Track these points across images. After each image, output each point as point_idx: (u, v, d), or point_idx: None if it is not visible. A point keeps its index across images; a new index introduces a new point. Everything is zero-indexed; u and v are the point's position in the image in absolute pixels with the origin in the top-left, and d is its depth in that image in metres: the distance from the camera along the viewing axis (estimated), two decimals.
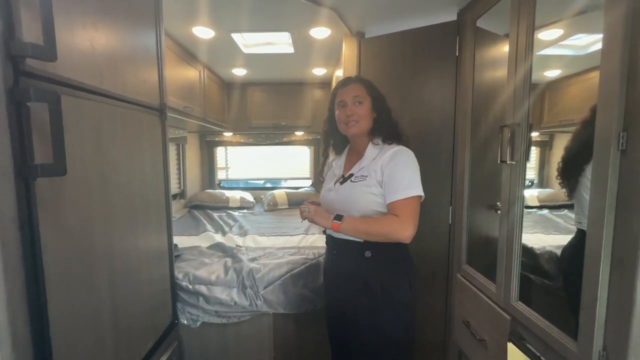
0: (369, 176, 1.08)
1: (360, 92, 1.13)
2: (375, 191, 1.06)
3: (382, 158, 1.07)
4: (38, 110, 0.64)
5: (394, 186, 1.03)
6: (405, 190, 1.02)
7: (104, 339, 0.86)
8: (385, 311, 1.07)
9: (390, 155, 1.06)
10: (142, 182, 1.06)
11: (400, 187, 1.02)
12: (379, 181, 1.06)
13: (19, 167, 0.61)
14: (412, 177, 1.04)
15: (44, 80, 0.67)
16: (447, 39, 1.55)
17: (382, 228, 1.01)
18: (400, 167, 1.04)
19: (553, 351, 0.88)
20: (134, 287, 1.01)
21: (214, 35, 1.81)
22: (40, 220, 0.65)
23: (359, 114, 1.12)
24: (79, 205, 0.77)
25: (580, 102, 1.78)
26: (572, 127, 1.95)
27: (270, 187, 3.70)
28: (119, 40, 0.94)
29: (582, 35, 1.65)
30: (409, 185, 1.03)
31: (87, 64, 0.80)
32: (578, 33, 1.62)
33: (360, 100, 1.13)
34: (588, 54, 1.75)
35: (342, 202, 1.12)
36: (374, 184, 1.07)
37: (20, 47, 0.59)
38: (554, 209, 1.38)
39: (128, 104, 0.97)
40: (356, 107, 1.12)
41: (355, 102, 1.13)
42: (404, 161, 1.05)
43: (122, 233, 0.94)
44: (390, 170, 1.05)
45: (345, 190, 1.12)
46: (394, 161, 1.05)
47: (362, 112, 1.12)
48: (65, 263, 0.73)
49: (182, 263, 1.51)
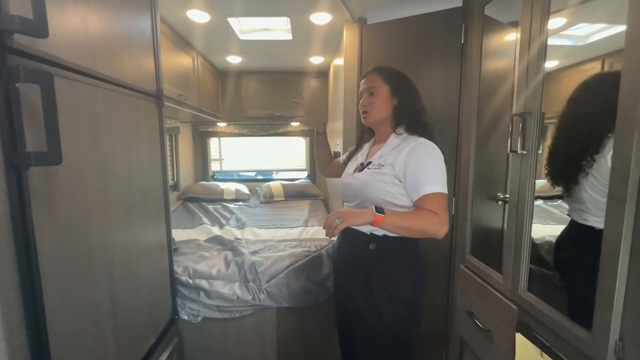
0: (385, 166, 1.06)
1: (375, 82, 1.12)
2: (388, 181, 1.04)
3: (403, 150, 1.04)
4: (26, 93, 0.58)
5: (421, 180, 0.99)
6: (434, 185, 0.98)
7: (105, 337, 0.82)
8: (382, 305, 1.05)
9: (412, 148, 1.02)
10: (139, 172, 1.00)
11: (429, 181, 0.98)
12: (395, 174, 1.03)
13: (9, 155, 0.55)
14: (440, 173, 1.01)
15: (33, 59, 0.61)
16: (452, 26, 1.51)
17: (422, 224, 0.97)
18: (426, 161, 1.00)
19: (564, 341, 0.88)
20: (133, 283, 0.96)
21: (209, 19, 1.73)
22: (34, 212, 0.60)
23: (370, 104, 1.12)
24: (74, 196, 0.71)
25: None
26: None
27: (264, 179, 3.65)
28: (113, 21, 0.87)
29: (583, 24, 1.63)
30: (438, 181, 1.00)
31: (79, 43, 0.74)
32: (580, 22, 1.60)
33: (373, 91, 1.11)
34: (587, 44, 1.74)
35: (357, 188, 1.11)
36: (388, 174, 1.04)
37: (8, 21, 0.53)
38: (548, 199, 1.38)
39: (124, 89, 0.91)
40: (369, 97, 1.12)
41: (369, 93, 1.12)
42: (429, 154, 1.01)
43: (120, 226, 0.89)
44: (415, 163, 1.00)
45: (361, 177, 1.11)
46: (418, 154, 1.01)
47: (375, 102, 1.11)
48: (61, 258, 0.68)
49: (181, 257, 1.47)
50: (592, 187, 1.05)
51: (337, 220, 0.92)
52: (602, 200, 1.05)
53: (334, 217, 0.93)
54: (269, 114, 2.96)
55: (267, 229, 2.03)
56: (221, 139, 3.49)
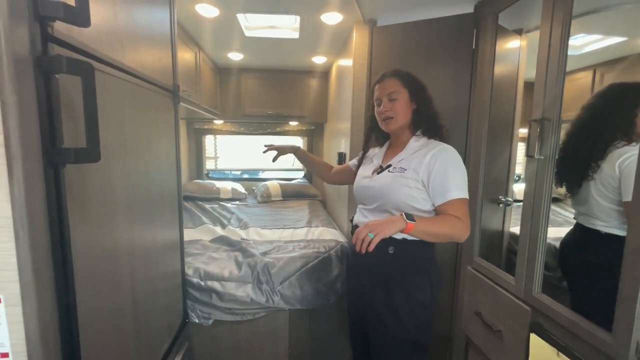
0: (408, 169, 1.05)
1: (395, 87, 1.10)
2: (412, 185, 1.03)
3: (427, 156, 1.04)
4: (65, 85, 0.55)
5: (447, 185, 1.00)
6: (458, 191, 1.00)
7: (127, 340, 0.79)
8: (403, 309, 1.05)
9: (437, 154, 1.03)
10: (158, 169, 0.97)
11: (453, 187, 1.00)
12: (419, 179, 1.03)
13: (47, 150, 0.52)
14: (463, 179, 1.03)
15: (72, 49, 0.57)
16: (463, 31, 1.53)
17: (451, 230, 0.98)
18: (450, 166, 1.01)
19: (581, 341, 0.91)
20: (151, 284, 0.93)
21: (218, 14, 1.69)
22: (69, 211, 0.56)
23: (394, 110, 1.10)
24: (103, 194, 0.68)
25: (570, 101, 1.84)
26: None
27: (260, 178, 3.60)
28: (138, 12, 0.83)
29: (580, 35, 1.68)
30: (462, 186, 1.01)
31: (111, 34, 0.70)
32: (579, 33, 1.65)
33: (394, 97, 1.10)
34: (582, 54, 1.80)
35: (378, 190, 1.09)
36: (412, 178, 1.04)
37: (52, 7, 0.50)
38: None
39: (147, 84, 0.88)
40: (391, 103, 1.10)
41: (390, 99, 1.10)
42: (453, 160, 1.03)
43: (141, 225, 0.86)
44: (440, 168, 1.01)
45: (382, 180, 1.09)
46: (443, 160, 1.02)
47: (398, 107, 1.09)
48: (91, 258, 0.64)
49: (189, 258, 1.42)
50: (598, 192, 1.09)
51: (370, 233, 0.87)
52: (607, 205, 1.09)
53: (366, 230, 0.87)
54: (267, 113, 2.92)
55: (271, 229, 2.00)
56: (217, 137, 3.43)
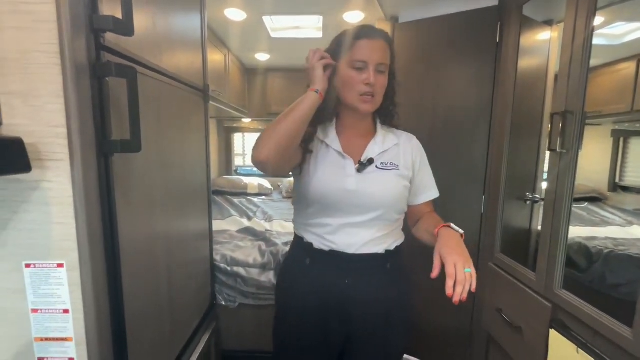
0: (399, 166, 0.88)
1: (385, 56, 0.83)
2: (407, 184, 0.90)
3: (407, 148, 0.91)
4: (112, 86, 0.64)
5: (430, 183, 0.96)
6: (435, 189, 0.96)
7: (162, 318, 0.89)
8: (402, 334, 0.94)
9: (415, 146, 0.93)
10: (190, 163, 1.07)
11: (433, 184, 0.96)
12: (406, 175, 0.90)
13: (99, 142, 0.61)
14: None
15: (119, 55, 0.66)
16: (486, 24, 1.51)
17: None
18: (426, 161, 0.96)
19: (602, 338, 0.89)
20: (184, 267, 1.03)
21: (245, 18, 1.78)
22: (116, 194, 0.66)
23: (380, 85, 0.82)
24: (143, 184, 0.78)
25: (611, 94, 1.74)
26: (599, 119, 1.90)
27: None
28: (173, 20, 0.93)
29: (620, 23, 1.60)
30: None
31: (150, 41, 0.80)
32: (618, 21, 1.57)
33: (382, 69, 0.82)
34: (622, 44, 1.70)
35: (378, 196, 0.84)
36: (405, 176, 0.89)
37: (103, 21, 0.59)
38: (575, 201, 1.38)
39: (180, 84, 0.97)
40: (378, 76, 0.81)
41: (378, 70, 0.81)
42: (425, 153, 0.96)
43: (176, 213, 0.96)
44: (422, 163, 0.94)
45: (375, 179, 0.85)
46: (422, 154, 0.95)
47: (383, 84, 0.84)
48: (133, 236, 0.74)
49: (217, 246, 1.54)
50: None
51: (467, 269, 0.68)
52: None
53: (461, 268, 0.67)
54: None
55: None
56: (245, 135, 3.57)
